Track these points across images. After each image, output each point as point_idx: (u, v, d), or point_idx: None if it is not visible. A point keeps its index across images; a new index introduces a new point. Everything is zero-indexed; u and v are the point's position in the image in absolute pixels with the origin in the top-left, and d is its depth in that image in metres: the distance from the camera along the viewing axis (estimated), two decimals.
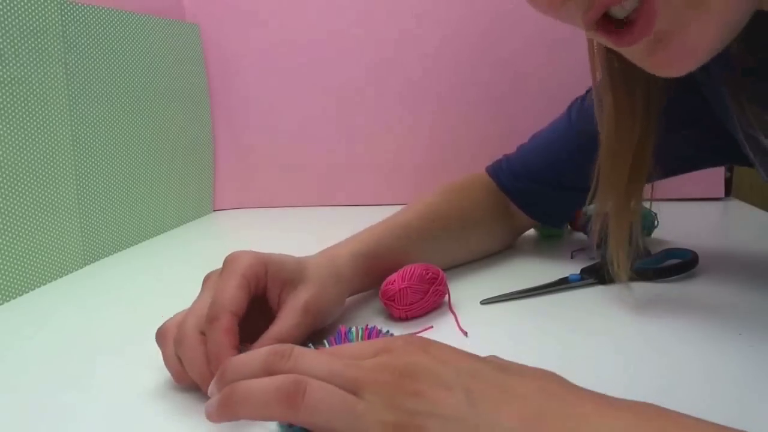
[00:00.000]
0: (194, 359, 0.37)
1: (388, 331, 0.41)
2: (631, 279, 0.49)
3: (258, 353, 0.30)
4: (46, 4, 0.67)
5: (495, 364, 0.29)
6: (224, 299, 0.38)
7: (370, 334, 0.40)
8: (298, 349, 0.29)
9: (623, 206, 0.48)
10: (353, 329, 0.40)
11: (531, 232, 0.74)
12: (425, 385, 0.26)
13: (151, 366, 0.45)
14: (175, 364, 0.39)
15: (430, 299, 0.51)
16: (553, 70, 0.91)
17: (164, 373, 0.43)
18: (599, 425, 0.25)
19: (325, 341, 0.40)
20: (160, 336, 0.41)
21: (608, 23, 0.33)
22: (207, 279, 0.43)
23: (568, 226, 0.75)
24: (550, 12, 0.35)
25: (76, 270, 0.71)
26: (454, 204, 0.62)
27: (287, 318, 0.41)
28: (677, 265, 0.57)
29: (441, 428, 0.25)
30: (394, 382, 0.27)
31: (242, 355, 0.31)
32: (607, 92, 0.45)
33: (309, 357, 0.29)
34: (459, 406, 0.26)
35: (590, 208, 0.57)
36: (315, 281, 0.44)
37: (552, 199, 0.64)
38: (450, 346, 0.30)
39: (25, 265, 0.64)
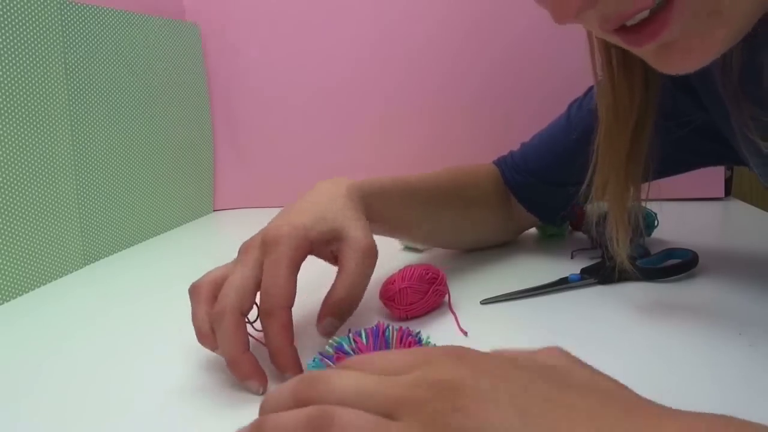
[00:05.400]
0: (230, 343, 0.39)
1: (419, 333, 0.40)
2: (631, 259, 0.49)
3: (287, 385, 0.27)
4: (46, 4, 0.67)
5: (545, 373, 0.25)
6: (278, 294, 0.39)
7: (403, 336, 0.39)
8: (327, 373, 0.27)
9: (622, 187, 0.48)
10: (390, 327, 0.40)
11: (531, 231, 0.74)
12: (469, 400, 0.23)
13: (151, 365, 0.45)
14: (203, 325, 0.40)
15: (430, 299, 0.51)
16: (551, 68, 0.91)
17: (164, 372, 0.43)
18: None
19: (363, 331, 0.39)
20: (194, 292, 0.42)
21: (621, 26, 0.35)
22: (245, 251, 0.43)
23: (569, 226, 0.75)
24: (564, 19, 0.35)
25: (76, 270, 0.71)
26: (460, 182, 0.63)
27: (350, 265, 0.43)
28: (677, 265, 0.57)
29: None
30: (434, 398, 0.23)
31: (273, 392, 0.28)
32: (604, 70, 0.45)
33: (338, 380, 0.26)
34: (510, 421, 0.23)
35: (590, 207, 0.57)
36: (353, 222, 0.46)
37: (549, 194, 0.65)
38: (491, 355, 0.26)
39: (25, 265, 0.64)
